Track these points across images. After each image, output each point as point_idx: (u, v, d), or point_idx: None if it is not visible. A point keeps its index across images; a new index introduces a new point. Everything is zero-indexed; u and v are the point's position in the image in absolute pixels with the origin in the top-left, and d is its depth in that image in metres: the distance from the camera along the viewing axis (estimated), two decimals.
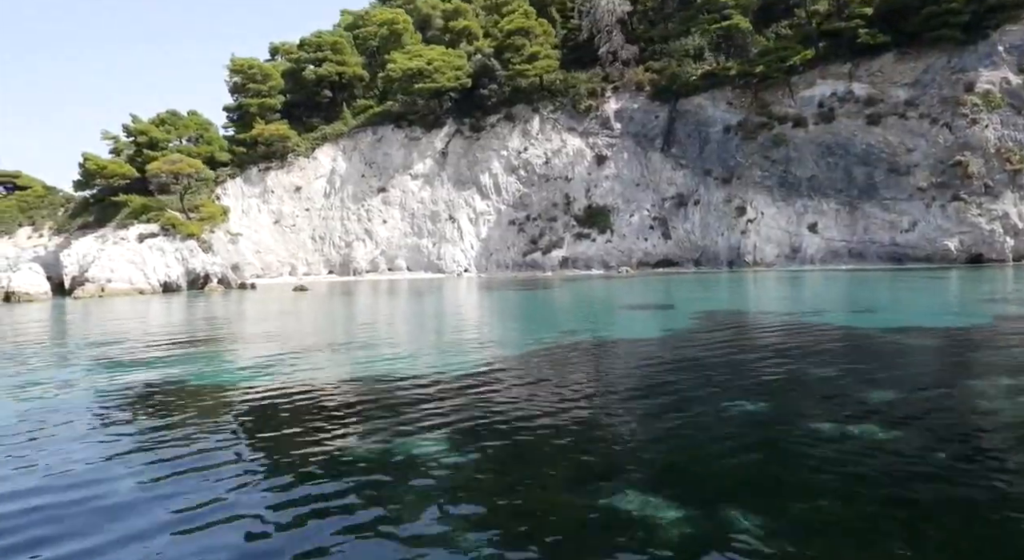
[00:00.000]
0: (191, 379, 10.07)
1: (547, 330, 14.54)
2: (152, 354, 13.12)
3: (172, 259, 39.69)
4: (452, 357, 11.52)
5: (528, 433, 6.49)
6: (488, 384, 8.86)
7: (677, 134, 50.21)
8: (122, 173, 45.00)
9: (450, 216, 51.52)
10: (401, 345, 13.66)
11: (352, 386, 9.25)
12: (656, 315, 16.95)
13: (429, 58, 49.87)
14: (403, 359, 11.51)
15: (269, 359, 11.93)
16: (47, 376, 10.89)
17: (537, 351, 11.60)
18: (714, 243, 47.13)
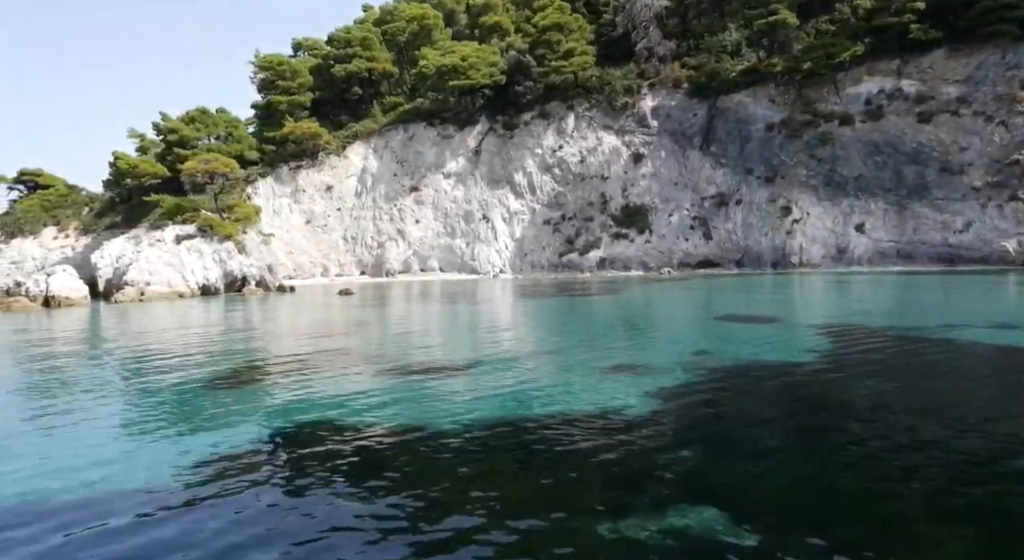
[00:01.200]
0: (337, 417, 9.12)
1: (673, 353, 13.43)
2: (269, 382, 12.18)
3: (210, 261, 38.74)
4: (599, 391, 10.56)
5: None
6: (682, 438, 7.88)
7: (717, 132, 49.14)
8: (153, 172, 44.03)
9: (484, 216, 50.53)
10: (539, 370, 12.67)
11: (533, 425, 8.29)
12: (772, 331, 15.94)
13: (463, 54, 48.80)
14: (547, 390, 10.56)
15: (401, 385, 10.98)
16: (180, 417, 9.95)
17: (706, 385, 10.60)
18: (757, 243, 46.10)
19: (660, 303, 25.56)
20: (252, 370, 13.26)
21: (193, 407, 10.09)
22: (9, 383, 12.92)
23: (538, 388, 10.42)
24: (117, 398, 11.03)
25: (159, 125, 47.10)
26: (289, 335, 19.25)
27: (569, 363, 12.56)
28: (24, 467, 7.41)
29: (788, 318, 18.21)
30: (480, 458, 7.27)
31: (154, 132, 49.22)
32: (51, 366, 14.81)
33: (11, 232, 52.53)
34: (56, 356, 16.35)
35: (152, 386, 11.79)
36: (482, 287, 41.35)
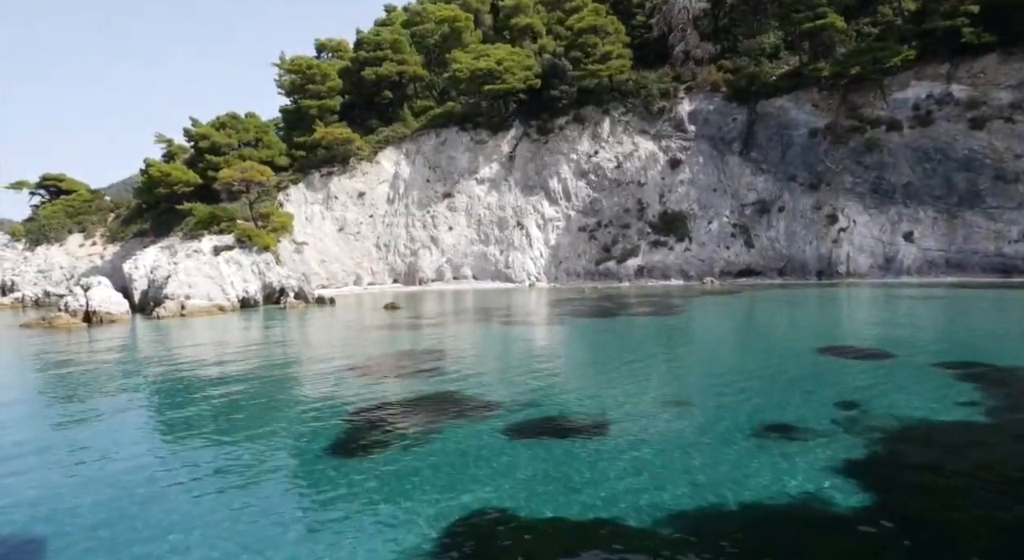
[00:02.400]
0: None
1: (813, 408, 12.40)
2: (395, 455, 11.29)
3: (249, 273, 37.84)
4: (766, 470, 9.66)
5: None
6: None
7: (757, 137, 48.14)
8: (185, 180, 43.11)
9: (518, 222, 49.60)
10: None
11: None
12: (901, 373, 14.89)
13: (498, 58, 47.77)
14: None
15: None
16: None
17: (897, 460, 9.66)
18: (801, 252, 45.15)
19: (735, 327, 24.58)
20: (370, 431, 12.32)
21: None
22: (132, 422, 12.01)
23: (694, 471, 9.49)
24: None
25: (190, 131, 46.14)
26: (373, 370, 18.31)
27: (699, 423, 11.58)
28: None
29: (900, 351, 17.27)
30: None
31: (185, 138, 48.32)
32: (156, 409, 13.92)
33: (36, 239, 51.73)
34: (147, 391, 15.46)
35: (281, 462, 10.90)
36: (520, 299, 40.51)
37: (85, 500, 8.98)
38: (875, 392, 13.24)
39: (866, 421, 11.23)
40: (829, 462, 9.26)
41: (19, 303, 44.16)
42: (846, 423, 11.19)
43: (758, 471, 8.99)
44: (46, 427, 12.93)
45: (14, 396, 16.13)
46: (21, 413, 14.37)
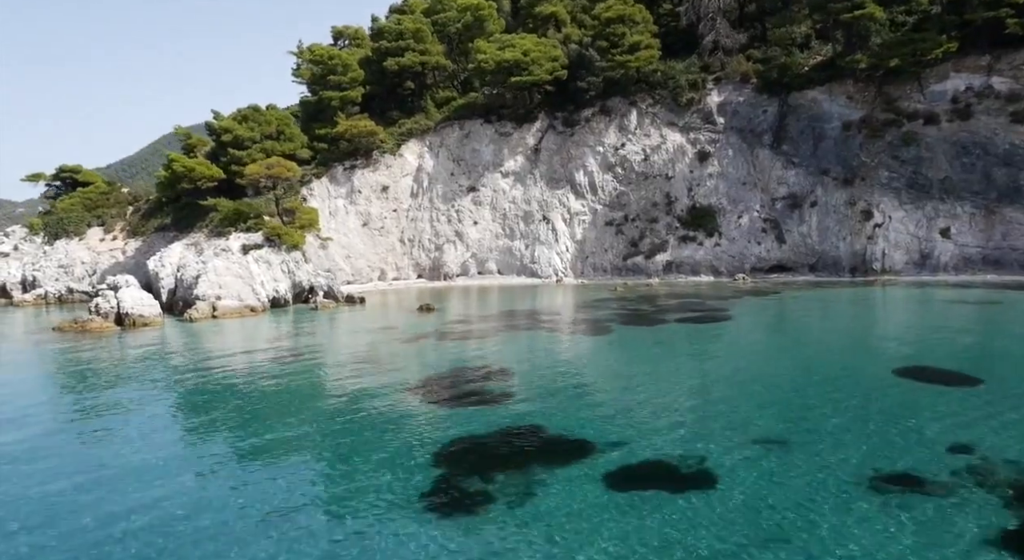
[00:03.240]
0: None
1: (931, 462, 11.15)
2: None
3: (279, 272, 37.24)
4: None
5: None
6: None
7: (788, 130, 47.19)
8: (209, 175, 42.33)
9: (544, 217, 48.85)
10: None
11: None
12: (992, 403, 14.37)
13: (524, 49, 46.71)
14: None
15: None
16: None
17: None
18: (834, 248, 44.44)
19: (793, 340, 23.88)
20: (452, 481, 11.78)
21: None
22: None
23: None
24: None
25: (212, 125, 45.27)
26: (434, 394, 17.79)
27: (806, 471, 11.03)
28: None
29: (985, 374, 16.69)
30: None
31: (207, 132, 47.50)
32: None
33: (54, 232, 51.05)
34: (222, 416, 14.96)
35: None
36: (553, 298, 39.96)
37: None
38: (984, 431, 12.68)
39: (993, 472, 10.68)
40: (981, 534, 8.70)
41: (42, 300, 43.71)
42: (971, 475, 10.64)
43: (898, 543, 8.45)
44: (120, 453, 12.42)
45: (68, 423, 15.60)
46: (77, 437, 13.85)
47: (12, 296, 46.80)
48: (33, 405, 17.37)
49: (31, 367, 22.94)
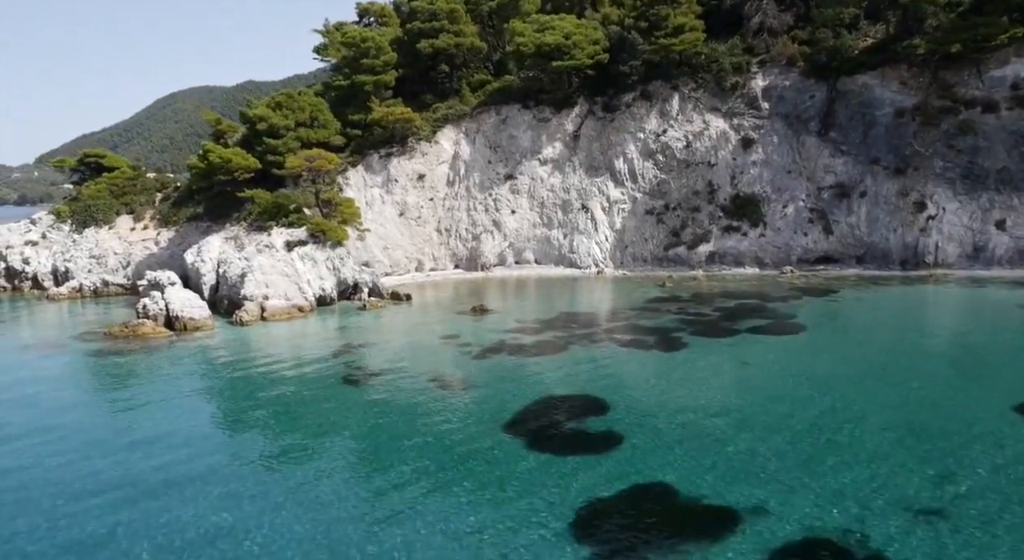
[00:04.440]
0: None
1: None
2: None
3: (324, 269, 36.44)
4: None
5: None
6: None
7: (837, 116, 45.78)
8: (246, 166, 41.20)
9: (583, 205, 47.76)
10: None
11: None
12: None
13: (566, 31, 45.09)
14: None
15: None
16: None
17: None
18: (884, 240, 43.47)
19: (887, 359, 22.89)
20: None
21: None
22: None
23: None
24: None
25: (246, 113, 43.92)
26: (539, 433, 17.15)
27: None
28: None
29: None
30: None
31: (240, 120, 46.18)
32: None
33: (82, 220, 50.06)
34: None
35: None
36: (602, 293, 39.25)
37: None
38: None
39: None
40: None
41: (77, 293, 42.96)
42: None
43: None
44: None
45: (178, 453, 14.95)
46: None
47: (45, 287, 46.07)
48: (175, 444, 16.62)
49: (110, 390, 22.00)
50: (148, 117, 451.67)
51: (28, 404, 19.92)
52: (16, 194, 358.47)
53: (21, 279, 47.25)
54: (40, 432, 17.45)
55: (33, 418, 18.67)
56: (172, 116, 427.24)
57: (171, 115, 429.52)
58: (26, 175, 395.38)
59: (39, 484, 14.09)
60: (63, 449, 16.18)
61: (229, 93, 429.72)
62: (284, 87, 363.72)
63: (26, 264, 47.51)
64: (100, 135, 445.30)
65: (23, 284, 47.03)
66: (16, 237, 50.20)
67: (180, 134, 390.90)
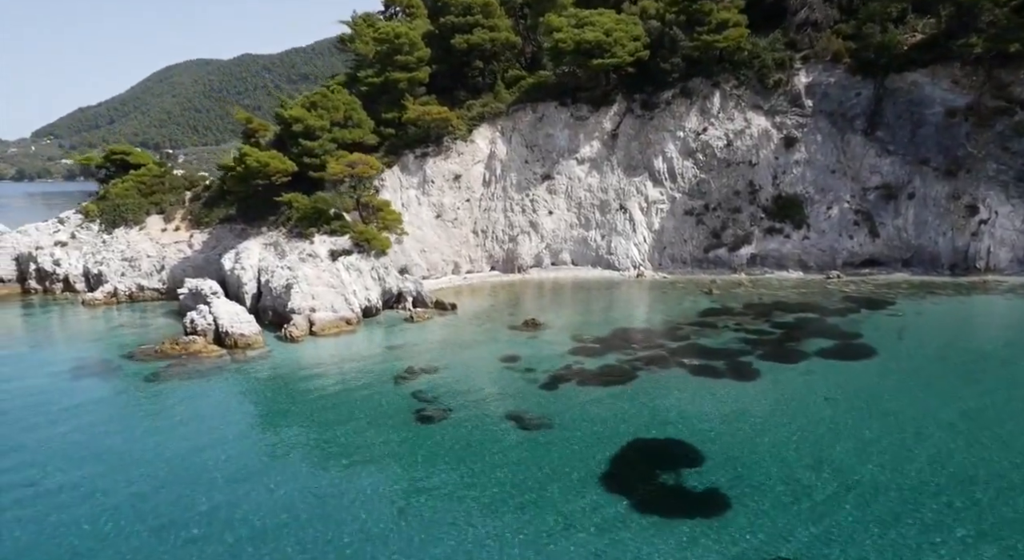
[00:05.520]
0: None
1: None
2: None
3: (369, 279, 35.81)
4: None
5: None
6: None
7: (884, 115, 44.65)
8: (283, 169, 40.37)
9: (621, 206, 46.89)
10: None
11: None
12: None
13: (606, 28, 43.83)
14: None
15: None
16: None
17: None
18: (932, 243, 42.65)
19: (962, 389, 22.30)
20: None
21: None
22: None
23: None
24: None
25: (282, 114, 42.92)
26: (646, 497, 16.62)
27: None
28: None
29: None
30: None
31: (275, 121, 45.22)
32: None
33: (111, 220, 49.37)
34: None
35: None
36: (652, 299, 38.61)
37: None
38: None
39: None
40: None
41: (112, 298, 42.43)
42: None
43: None
44: None
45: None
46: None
47: (77, 290, 45.59)
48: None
49: (189, 425, 21.34)
50: (144, 91, 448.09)
51: (114, 449, 19.41)
52: (14, 169, 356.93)
53: (52, 280, 46.69)
54: (125, 478, 17.09)
55: (120, 462, 18.28)
56: (169, 90, 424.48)
57: (168, 89, 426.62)
58: (23, 150, 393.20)
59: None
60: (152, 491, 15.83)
61: (226, 67, 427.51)
62: (282, 61, 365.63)
63: (57, 265, 46.92)
64: (97, 109, 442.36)
65: (54, 286, 46.49)
66: (45, 237, 49.60)
67: (178, 108, 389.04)
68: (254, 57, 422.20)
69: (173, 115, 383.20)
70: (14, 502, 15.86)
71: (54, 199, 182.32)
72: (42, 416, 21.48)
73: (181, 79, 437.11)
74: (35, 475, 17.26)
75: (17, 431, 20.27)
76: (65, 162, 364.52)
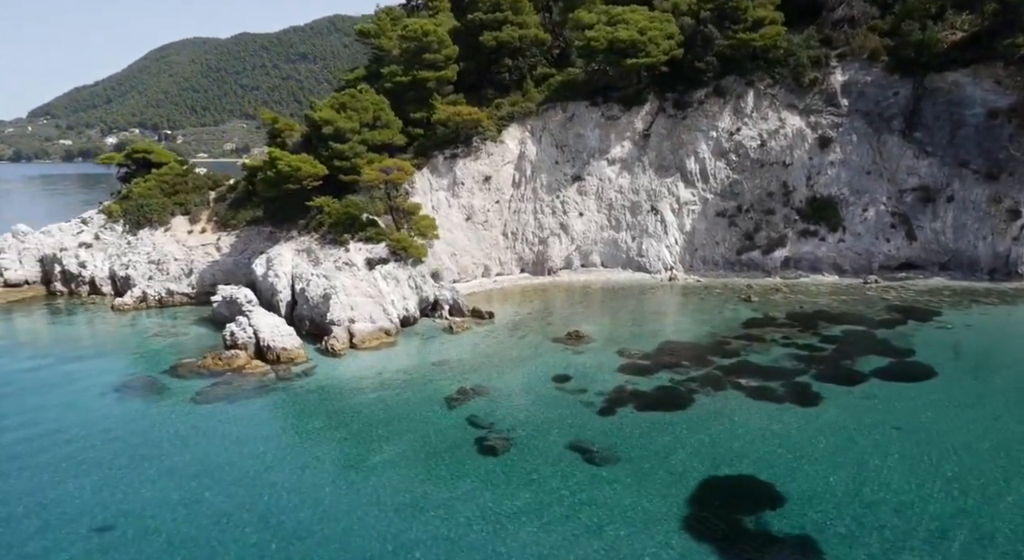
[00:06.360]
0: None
1: None
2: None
3: (407, 289, 35.39)
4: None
5: None
6: None
7: (923, 115, 43.82)
8: (315, 173, 39.76)
9: (652, 207, 46.28)
10: None
11: None
12: None
13: (640, 26, 42.91)
14: None
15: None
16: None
17: None
18: (971, 247, 42.08)
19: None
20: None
21: None
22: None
23: None
24: None
25: (312, 116, 42.21)
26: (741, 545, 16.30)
27: None
28: None
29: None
30: None
31: (305, 123, 44.54)
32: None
33: (135, 220, 48.91)
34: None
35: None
36: (678, 304, 38.22)
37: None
38: None
39: None
40: None
41: (142, 303, 42.04)
42: None
43: None
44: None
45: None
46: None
47: (103, 292, 45.27)
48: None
49: (256, 457, 20.84)
50: (141, 70, 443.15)
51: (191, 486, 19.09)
52: (11, 150, 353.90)
53: (78, 283, 46.33)
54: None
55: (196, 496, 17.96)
56: (166, 69, 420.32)
57: (165, 68, 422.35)
58: (20, 130, 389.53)
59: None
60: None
61: (223, 46, 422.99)
62: (280, 39, 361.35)
63: (82, 268, 46.53)
64: (93, 89, 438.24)
65: (80, 288, 46.13)
66: (69, 238, 49.22)
67: (175, 88, 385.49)
68: (252, 36, 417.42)
69: (171, 95, 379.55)
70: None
71: (56, 184, 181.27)
72: (124, 458, 20.38)
73: (178, 58, 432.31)
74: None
75: (113, 482, 18.92)
76: (63, 142, 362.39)
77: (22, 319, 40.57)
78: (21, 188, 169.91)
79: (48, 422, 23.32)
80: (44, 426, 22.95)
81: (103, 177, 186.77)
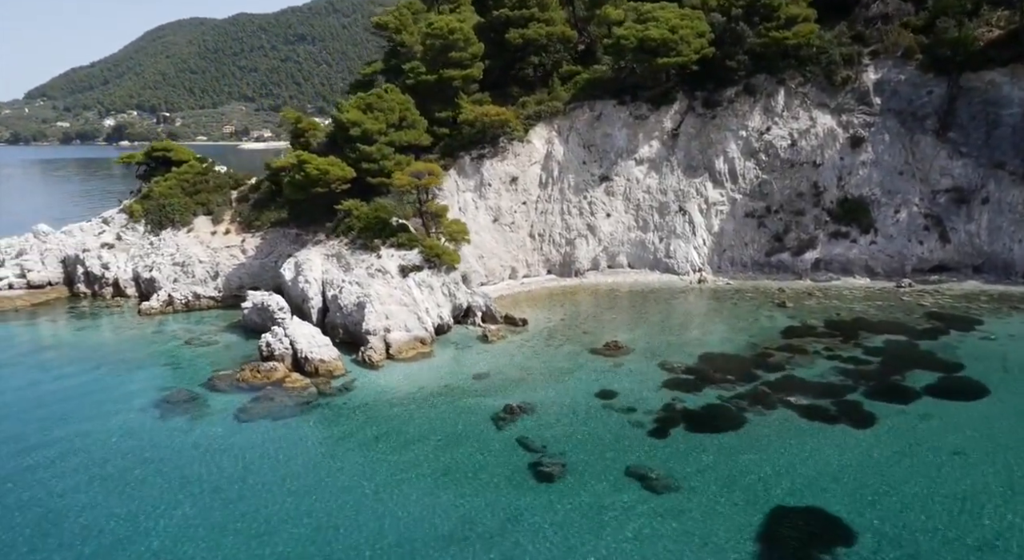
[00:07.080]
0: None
1: None
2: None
3: (440, 296, 35.04)
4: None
5: None
6: None
7: (958, 115, 43.10)
8: (343, 176, 39.26)
9: (680, 208, 45.75)
10: None
11: None
12: None
13: (671, 24, 42.10)
14: None
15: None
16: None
17: None
18: (1006, 250, 41.57)
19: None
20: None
21: None
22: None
23: None
24: None
25: (338, 117, 41.59)
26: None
27: None
28: None
29: None
30: None
31: (331, 124, 43.91)
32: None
33: (157, 220, 48.54)
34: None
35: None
36: (710, 309, 37.88)
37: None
38: None
39: None
40: None
41: (168, 307, 41.73)
42: None
43: None
44: None
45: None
46: None
47: (127, 295, 45.03)
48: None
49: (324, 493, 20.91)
50: (138, 51, 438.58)
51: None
52: (8, 132, 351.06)
53: (101, 284, 46.06)
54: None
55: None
56: (163, 50, 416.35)
57: (162, 49, 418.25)
58: (16, 112, 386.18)
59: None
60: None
61: (220, 26, 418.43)
62: (277, 20, 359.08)
63: (105, 269, 46.26)
64: (90, 70, 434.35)
65: (103, 290, 45.87)
66: (91, 239, 48.91)
67: (172, 70, 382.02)
68: (249, 16, 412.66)
69: (168, 76, 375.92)
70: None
71: (57, 169, 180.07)
72: (176, 485, 20.22)
73: (175, 39, 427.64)
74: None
75: (187, 520, 18.73)
76: (61, 124, 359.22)
77: (48, 325, 40.31)
78: (21, 174, 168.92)
79: (95, 449, 22.94)
80: (91, 454, 22.59)
81: (103, 162, 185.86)
